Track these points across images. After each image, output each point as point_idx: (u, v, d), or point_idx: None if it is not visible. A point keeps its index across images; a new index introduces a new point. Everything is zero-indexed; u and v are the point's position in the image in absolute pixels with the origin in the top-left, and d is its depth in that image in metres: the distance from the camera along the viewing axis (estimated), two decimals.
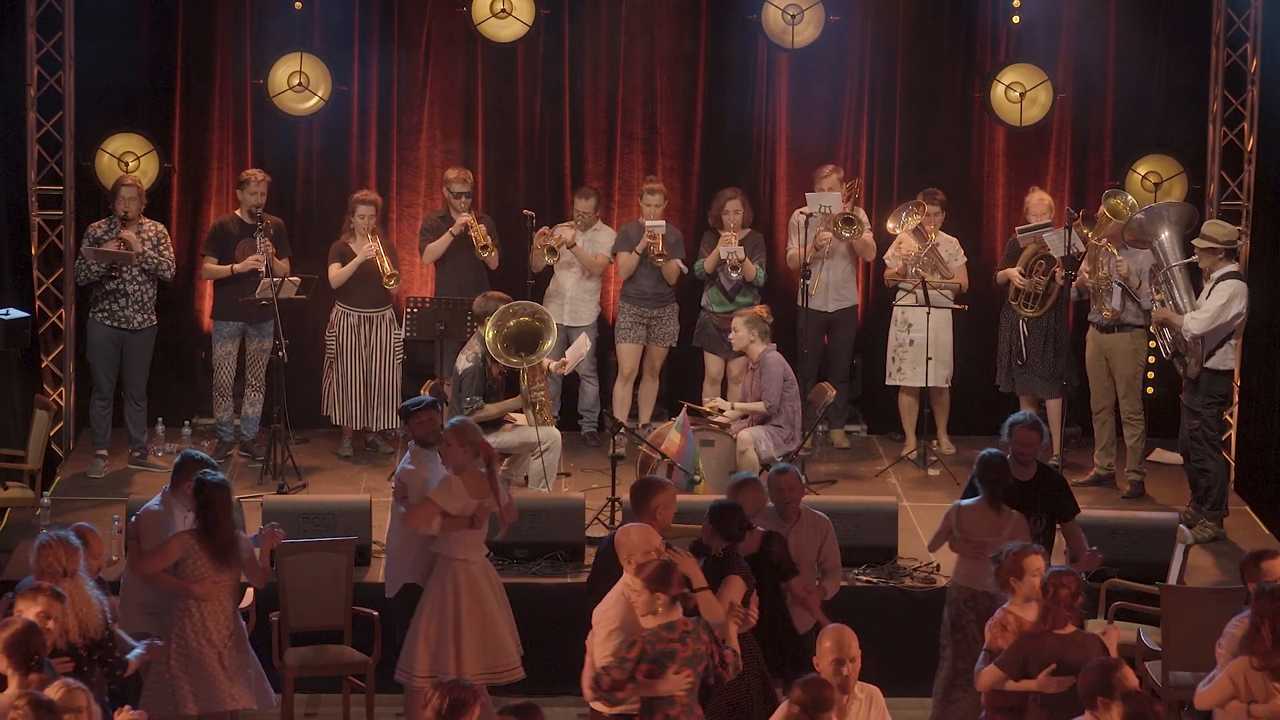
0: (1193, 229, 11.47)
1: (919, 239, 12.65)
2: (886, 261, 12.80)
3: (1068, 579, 7.76)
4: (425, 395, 11.01)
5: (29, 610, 7.25)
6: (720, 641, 7.60)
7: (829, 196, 12.54)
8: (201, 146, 13.12)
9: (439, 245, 12.56)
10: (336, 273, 12.38)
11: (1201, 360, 11.13)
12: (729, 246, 12.48)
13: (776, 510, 9.10)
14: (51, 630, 7.29)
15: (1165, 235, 11.42)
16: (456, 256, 12.61)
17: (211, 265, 12.36)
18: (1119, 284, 11.78)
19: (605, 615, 7.70)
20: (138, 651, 7.97)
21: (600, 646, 7.63)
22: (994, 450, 9.26)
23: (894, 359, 12.74)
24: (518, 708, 6.55)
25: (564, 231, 12.70)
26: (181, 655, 8.53)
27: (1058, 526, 9.47)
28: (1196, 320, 11.05)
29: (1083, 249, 12.01)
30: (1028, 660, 7.72)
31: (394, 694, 9.48)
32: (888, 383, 12.82)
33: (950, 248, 12.73)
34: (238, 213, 12.37)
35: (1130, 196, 12.26)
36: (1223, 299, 11.06)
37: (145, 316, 12.14)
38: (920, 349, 12.49)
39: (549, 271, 12.79)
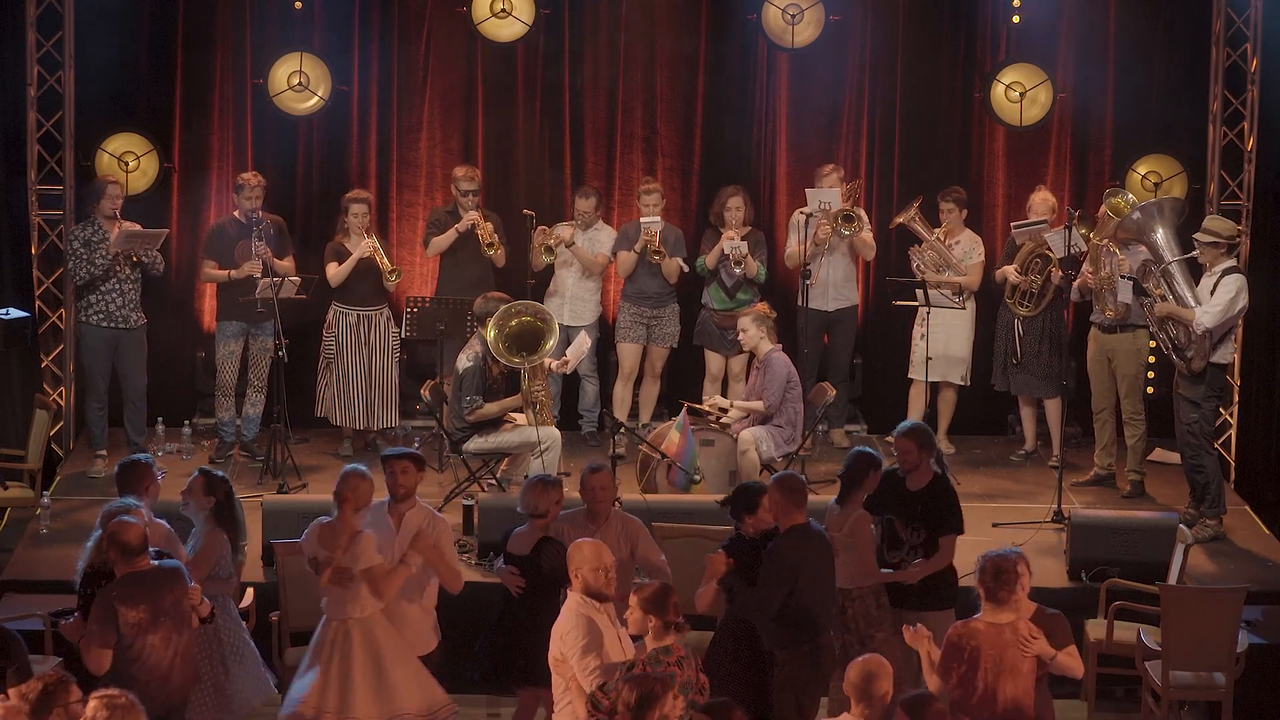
0: (1184, 221, 11.46)
1: (920, 238, 12.64)
2: (911, 256, 12.81)
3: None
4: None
5: None
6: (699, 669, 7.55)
7: (828, 193, 12.53)
8: (201, 146, 13.12)
9: (444, 239, 12.56)
10: (335, 272, 12.38)
11: (1207, 355, 11.12)
12: (732, 241, 12.48)
13: (588, 509, 8.98)
14: None
15: (1161, 231, 11.41)
16: (461, 253, 12.61)
17: (211, 270, 12.38)
18: (1130, 279, 11.71)
19: (568, 634, 7.57)
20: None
21: (580, 664, 7.50)
22: (867, 449, 9.15)
23: (913, 354, 12.71)
24: (710, 706, 6.63)
25: (563, 230, 12.70)
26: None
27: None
28: (1209, 314, 11.03)
29: (1084, 249, 12.00)
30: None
31: None
32: (909, 376, 12.79)
33: (967, 244, 12.71)
34: (235, 214, 12.37)
35: (1131, 196, 12.24)
36: (1230, 293, 11.05)
37: (138, 315, 12.15)
38: (934, 345, 12.48)
39: (549, 271, 12.79)
